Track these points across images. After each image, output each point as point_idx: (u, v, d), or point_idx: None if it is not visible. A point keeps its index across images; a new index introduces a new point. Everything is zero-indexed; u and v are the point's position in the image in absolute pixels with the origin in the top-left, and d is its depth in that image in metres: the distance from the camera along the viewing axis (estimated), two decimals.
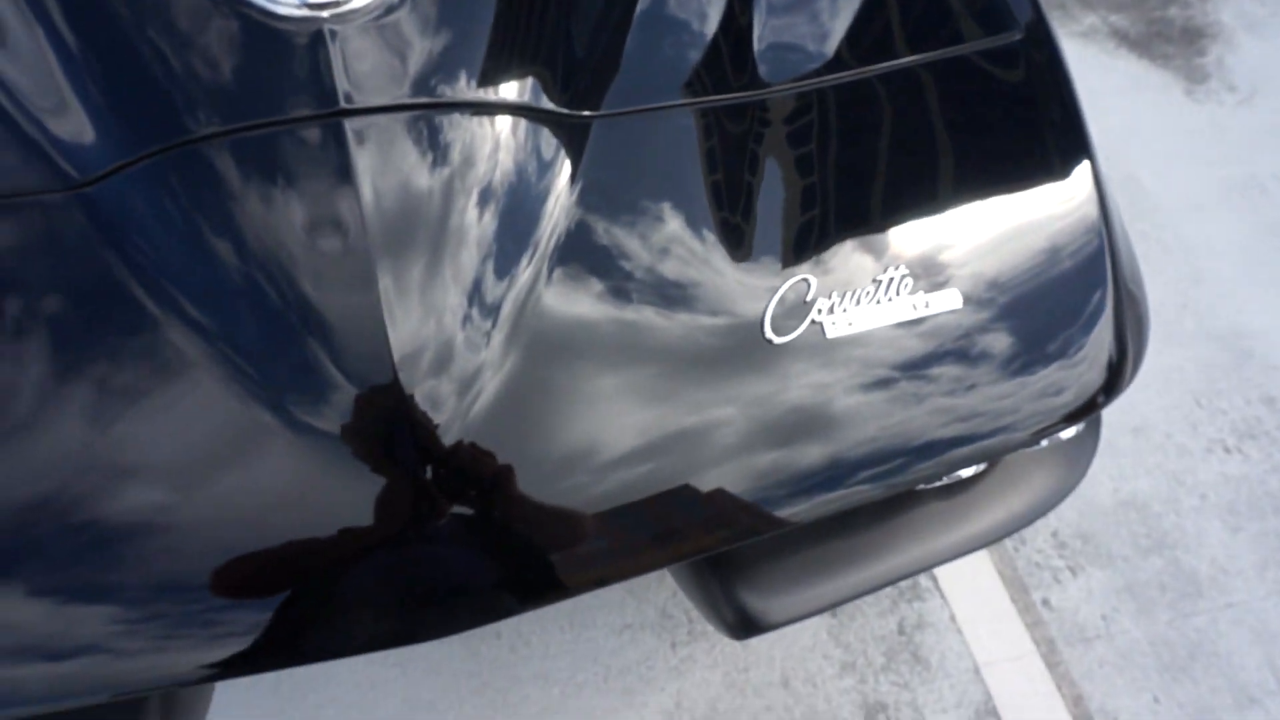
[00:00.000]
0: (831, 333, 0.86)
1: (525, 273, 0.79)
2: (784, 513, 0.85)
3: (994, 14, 1.02)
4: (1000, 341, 0.92)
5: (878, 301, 0.87)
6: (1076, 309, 0.95)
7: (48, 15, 0.79)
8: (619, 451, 0.80)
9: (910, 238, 0.90)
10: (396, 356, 0.72)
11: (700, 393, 0.82)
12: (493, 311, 0.77)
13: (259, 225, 0.74)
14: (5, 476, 0.71)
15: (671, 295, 0.83)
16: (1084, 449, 1.15)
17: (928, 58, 0.98)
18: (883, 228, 0.90)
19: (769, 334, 0.84)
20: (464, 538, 0.76)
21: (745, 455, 0.83)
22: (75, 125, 0.77)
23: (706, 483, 0.82)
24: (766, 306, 0.84)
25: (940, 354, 0.89)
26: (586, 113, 0.85)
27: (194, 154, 0.75)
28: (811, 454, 0.85)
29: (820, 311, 0.85)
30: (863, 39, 0.98)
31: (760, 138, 0.90)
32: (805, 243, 0.88)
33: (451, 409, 0.74)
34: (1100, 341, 0.95)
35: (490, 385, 0.76)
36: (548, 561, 0.79)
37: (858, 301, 0.87)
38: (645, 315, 0.82)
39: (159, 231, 0.74)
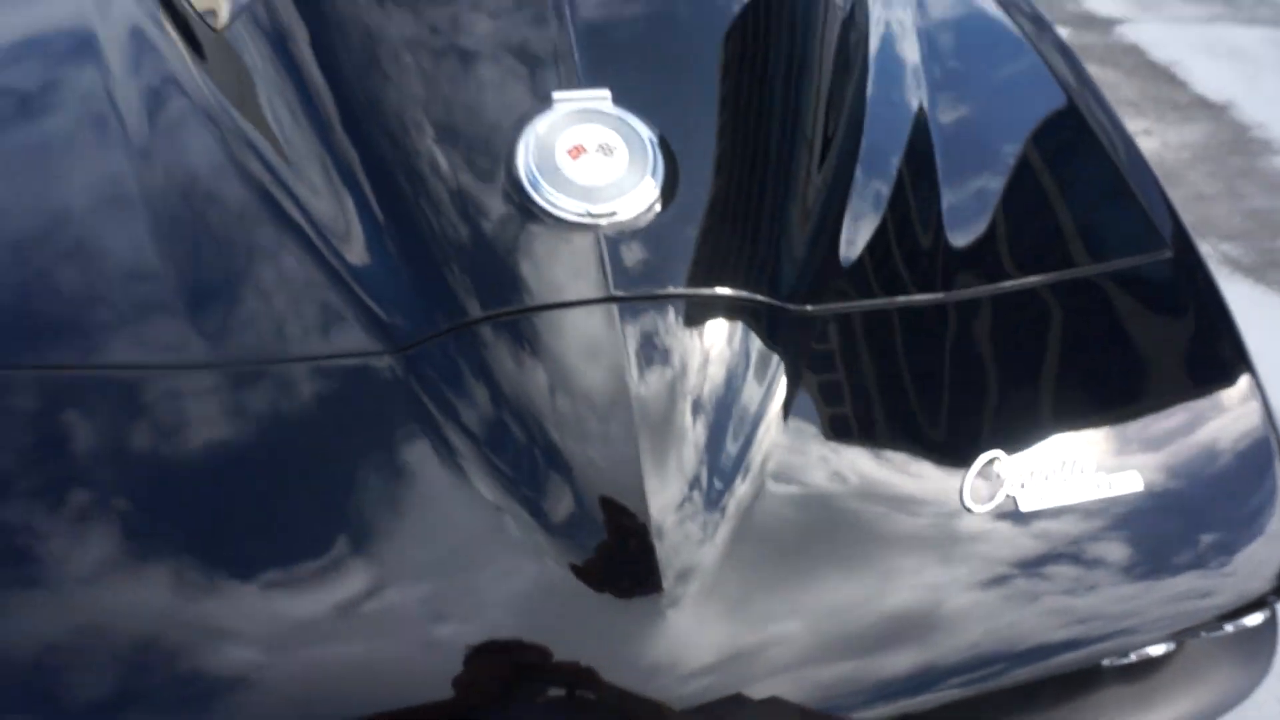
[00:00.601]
0: (1025, 505, 0.93)
1: (747, 479, 0.88)
2: (994, 681, 0.90)
3: (1148, 232, 1.17)
4: (1179, 528, 0.98)
5: (1064, 480, 0.95)
6: (1251, 506, 1.01)
7: (370, 208, 1.00)
8: (825, 647, 0.86)
9: (1091, 428, 0.99)
10: (653, 526, 0.82)
11: (902, 569, 0.89)
12: (720, 509, 0.86)
13: (540, 392, 0.88)
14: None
15: (875, 483, 0.92)
16: (1262, 647, 1.15)
17: (1094, 270, 1.12)
18: (1066, 416, 0.99)
19: (968, 502, 0.93)
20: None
21: (953, 628, 0.89)
22: (393, 298, 0.94)
23: (920, 654, 0.88)
24: (964, 479, 0.93)
25: (1125, 533, 0.96)
26: (810, 308, 1.00)
27: (491, 329, 0.91)
28: (1019, 620, 0.90)
29: (1013, 485, 0.94)
30: (1042, 252, 1.13)
31: (957, 333, 1.03)
32: (996, 425, 0.98)
33: (672, 581, 0.82)
34: (1275, 538, 1.01)
35: (706, 573, 0.84)
36: None
37: (1046, 478, 0.95)
38: (853, 507, 0.90)
39: (458, 392, 0.89)
